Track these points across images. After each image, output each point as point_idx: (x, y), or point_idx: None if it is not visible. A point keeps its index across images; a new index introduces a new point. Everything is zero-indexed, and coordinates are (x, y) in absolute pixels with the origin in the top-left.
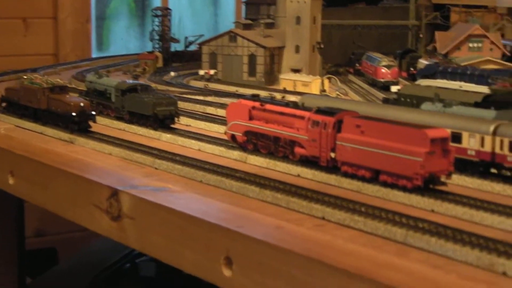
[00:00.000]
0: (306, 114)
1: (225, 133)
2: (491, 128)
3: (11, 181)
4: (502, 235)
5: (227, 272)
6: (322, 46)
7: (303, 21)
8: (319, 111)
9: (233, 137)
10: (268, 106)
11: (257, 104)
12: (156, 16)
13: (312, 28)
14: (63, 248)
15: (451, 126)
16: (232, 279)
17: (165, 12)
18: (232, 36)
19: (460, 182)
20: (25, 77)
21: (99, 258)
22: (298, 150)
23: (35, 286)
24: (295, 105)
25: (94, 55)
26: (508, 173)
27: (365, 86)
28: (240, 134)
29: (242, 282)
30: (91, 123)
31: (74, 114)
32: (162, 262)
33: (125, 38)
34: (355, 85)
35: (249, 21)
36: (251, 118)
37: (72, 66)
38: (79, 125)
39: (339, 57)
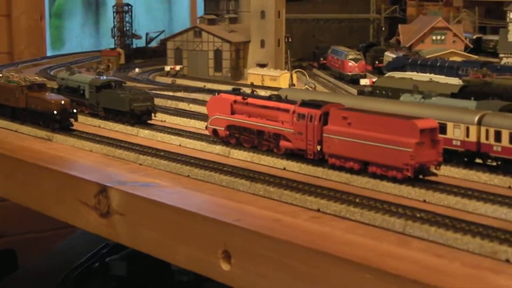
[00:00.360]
0: (291, 107)
1: (206, 127)
2: (476, 118)
3: None
4: (497, 223)
5: (225, 266)
6: (290, 40)
7: (268, 15)
8: (304, 104)
9: (214, 131)
10: (250, 100)
11: (239, 98)
12: (117, 12)
13: (277, 22)
14: (23, 249)
15: (435, 117)
16: (231, 273)
17: (126, 9)
18: (197, 31)
19: (446, 173)
20: (0, 75)
21: (67, 257)
22: (283, 143)
23: None
24: (278, 98)
25: (48, 53)
26: (494, 163)
27: (332, 79)
28: (222, 129)
29: (241, 275)
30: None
31: (55, 112)
32: (133, 261)
33: (80, 36)
34: (321, 79)
35: (213, 16)
36: (233, 112)
37: (32, 64)
38: (60, 123)
39: (300, 51)
